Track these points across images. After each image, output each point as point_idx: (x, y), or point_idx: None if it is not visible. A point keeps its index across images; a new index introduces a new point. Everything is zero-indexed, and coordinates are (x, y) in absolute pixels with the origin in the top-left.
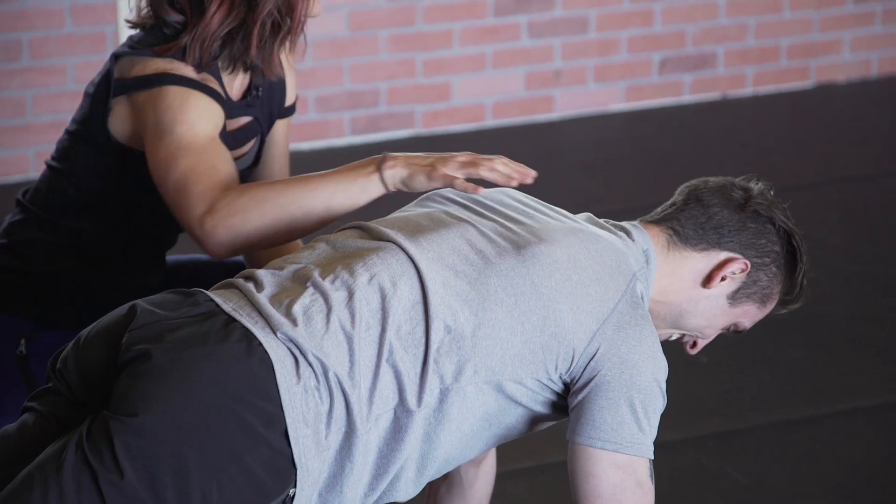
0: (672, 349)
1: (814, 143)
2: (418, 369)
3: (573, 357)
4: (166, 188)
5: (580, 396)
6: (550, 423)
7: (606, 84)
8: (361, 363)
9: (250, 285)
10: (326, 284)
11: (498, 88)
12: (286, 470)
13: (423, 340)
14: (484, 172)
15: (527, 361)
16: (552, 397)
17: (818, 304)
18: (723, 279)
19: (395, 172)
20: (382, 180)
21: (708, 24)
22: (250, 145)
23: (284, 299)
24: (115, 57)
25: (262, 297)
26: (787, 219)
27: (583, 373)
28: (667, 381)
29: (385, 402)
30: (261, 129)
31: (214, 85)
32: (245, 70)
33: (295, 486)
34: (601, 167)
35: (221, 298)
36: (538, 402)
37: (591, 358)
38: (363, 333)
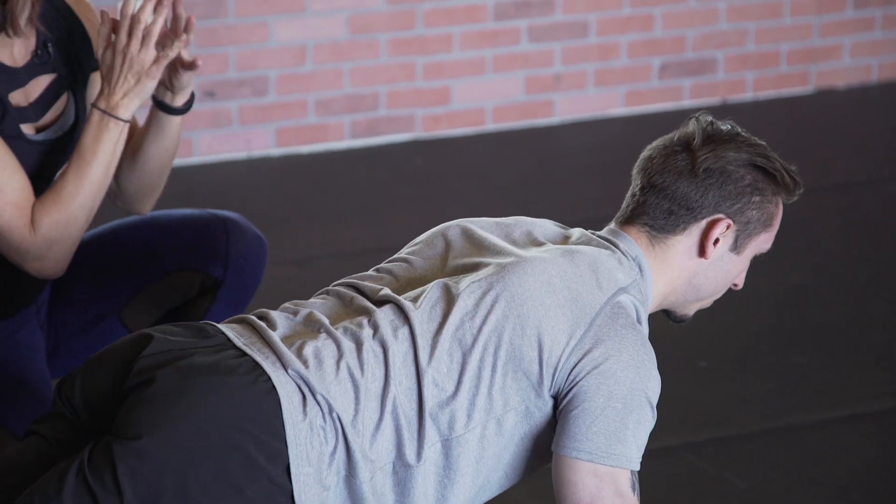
0: (672, 356)
1: (813, 149)
2: (415, 424)
3: (554, 374)
4: None
5: (560, 407)
6: None
7: (606, 89)
8: (365, 413)
9: (263, 324)
10: (338, 333)
11: (498, 93)
12: None
13: (417, 395)
14: (150, 34)
15: (513, 391)
16: (552, 414)
17: (818, 309)
18: (716, 242)
19: (129, 104)
20: (122, 120)
21: (708, 30)
22: (62, 104)
23: (297, 341)
24: None
25: (275, 336)
26: (738, 150)
27: (563, 385)
28: (666, 387)
29: (386, 453)
30: (70, 84)
31: None
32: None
33: None
34: (601, 172)
35: (234, 333)
36: (541, 426)
37: (571, 371)
38: (370, 384)
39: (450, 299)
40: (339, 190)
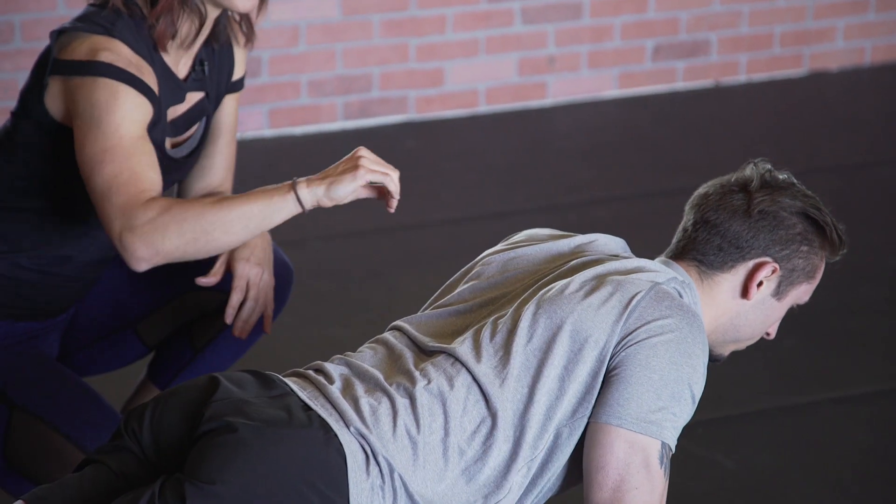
0: None
1: (806, 132)
2: (503, 460)
3: (609, 358)
4: (91, 190)
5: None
6: None
7: (599, 70)
8: (427, 467)
9: (321, 378)
10: (391, 388)
11: (491, 74)
12: None
13: (487, 436)
14: (389, 185)
15: (581, 395)
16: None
17: None
18: (759, 285)
19: (312, 190)
20: (298, 199)
21: (701, 11)
22: (195, 128)
23: (354, 396)
24: (58, 33)
25: (334, 390)
26: (794, 198)
27: (614, 363)
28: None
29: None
30: (210, 105)
31: (148, 75)
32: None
33: None
34: (594, 154)
35: (297, 386)
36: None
37: (619, 350)
38: (428, 438)
39: (510, 331)
40: None
